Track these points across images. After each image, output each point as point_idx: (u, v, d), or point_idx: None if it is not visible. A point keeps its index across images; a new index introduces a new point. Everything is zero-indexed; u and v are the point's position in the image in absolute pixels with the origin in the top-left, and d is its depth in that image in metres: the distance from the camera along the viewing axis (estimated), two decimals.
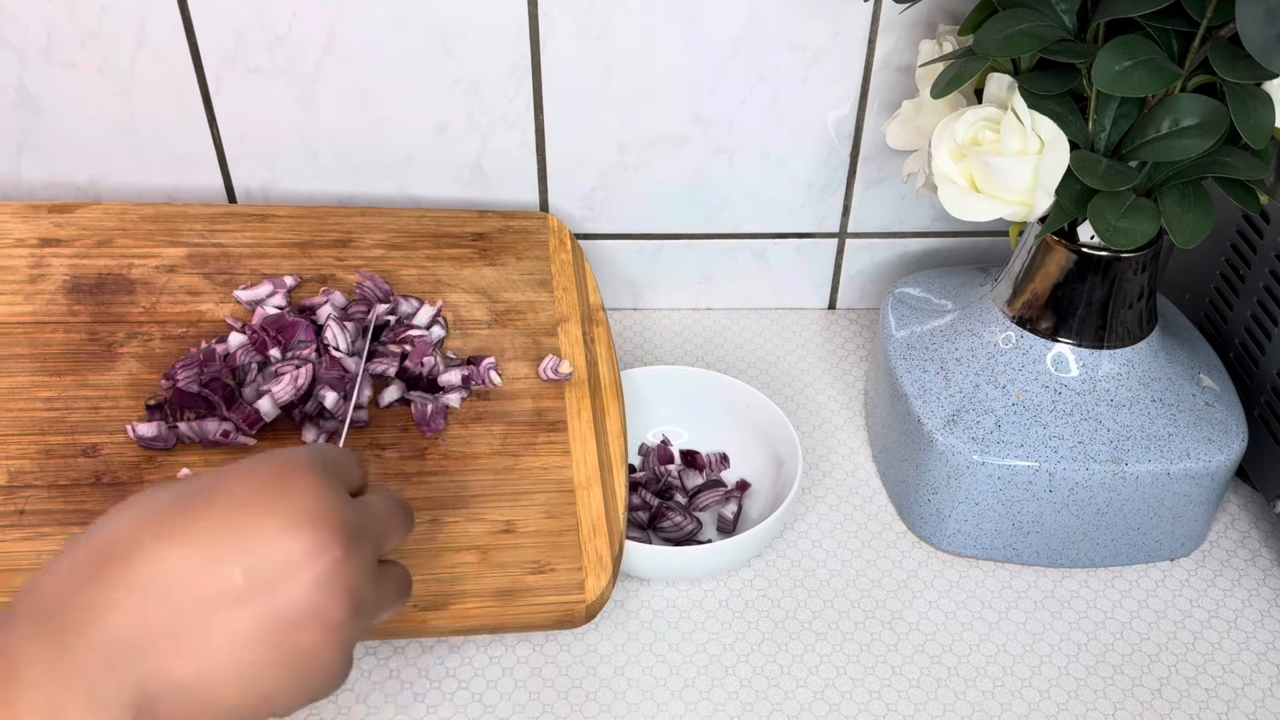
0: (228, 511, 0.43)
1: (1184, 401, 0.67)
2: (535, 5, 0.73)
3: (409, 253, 0.78)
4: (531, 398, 0.69)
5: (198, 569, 0.41)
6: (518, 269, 0.78)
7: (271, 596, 0.42)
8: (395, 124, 0.79)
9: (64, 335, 0.70)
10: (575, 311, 0.75)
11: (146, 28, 0.74)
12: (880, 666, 0.65)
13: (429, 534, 0.62)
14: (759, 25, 0.75)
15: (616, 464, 0.66)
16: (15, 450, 0.64)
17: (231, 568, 0.41)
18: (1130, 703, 0.64)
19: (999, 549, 0.69)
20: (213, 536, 0.42)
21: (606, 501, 0.64)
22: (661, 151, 0.80)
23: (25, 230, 0.76)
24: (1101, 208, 0.58)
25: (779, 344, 0.86)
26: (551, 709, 0.62)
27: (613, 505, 0.64)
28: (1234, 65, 0.54)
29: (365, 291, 0.73)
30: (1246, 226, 0.72)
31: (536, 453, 0.67)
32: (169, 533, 0.42)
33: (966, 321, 0.70)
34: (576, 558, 0.61)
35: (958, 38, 0.66)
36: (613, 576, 0.61)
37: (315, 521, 0.43)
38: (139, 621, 0.40)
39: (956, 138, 0.61)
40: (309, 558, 0.42)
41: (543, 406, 0.69)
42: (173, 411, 0.66)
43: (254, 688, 0.42)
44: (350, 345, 0.69)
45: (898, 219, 0.85)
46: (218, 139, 0.79)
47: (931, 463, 0.67)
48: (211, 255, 0.76)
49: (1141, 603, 0.69)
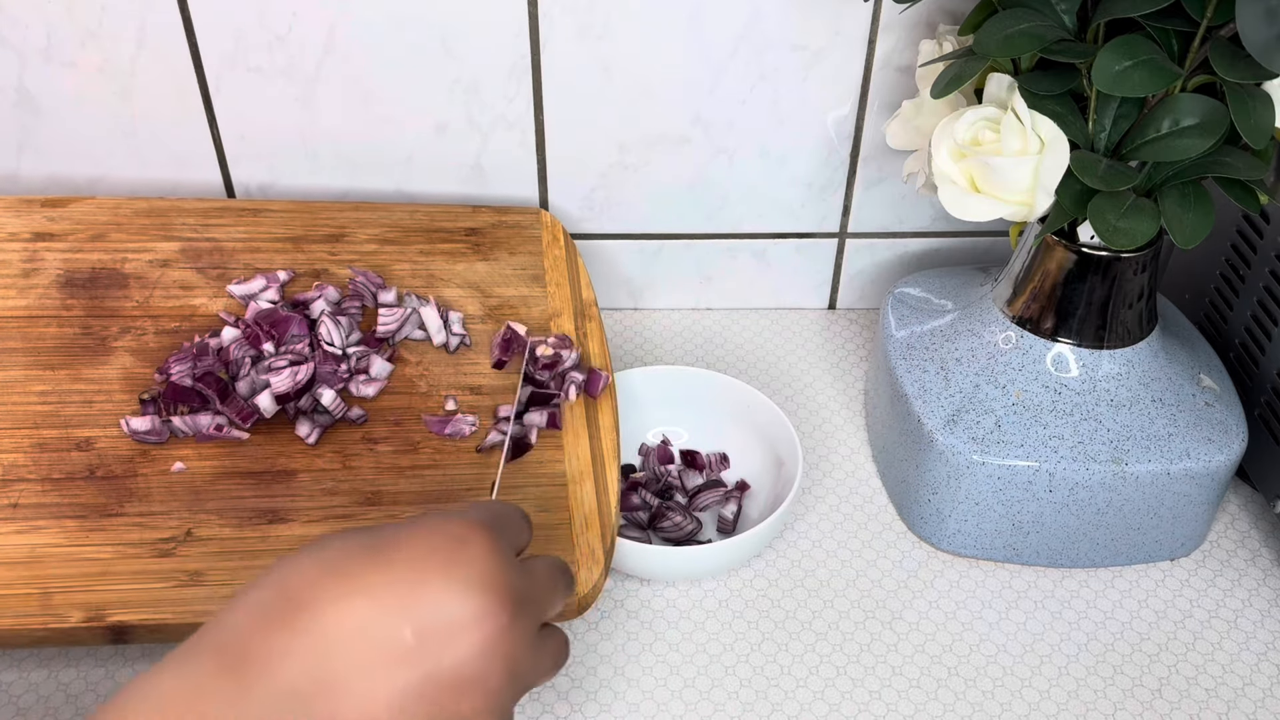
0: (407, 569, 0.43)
1: (1184, 401, 0.67)
2: (535, 5, 0.73)
3: (402, 247, 0.78)
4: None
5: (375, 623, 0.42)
6: (510, 264, 0.78)
7: (437, 658, 0.42)
8: (395, 124, 0.79)
9: (57, 329, 0.70)
10: (568, 306, 0.75)
11: (146, 28, 0.74)
12: (880, 666, 0.65)
13: None
14: (759, 25, 0.75)
15: (609, 458, 0.66)
16: (9, 444, 0.64)
17: (404, 625, 0.42)
18: (1130, 703, 0.64)
19: (999, 549, 0.69)
20: (391, 591, 0.42)
21: (599, 495, 0.64)
22: (661, 151, 0.80)
23: (18, 224, 0.76)
24: (1101, 208, 0.58)
25: (779, 344, 0.86)
26: (551, 709, 0.62)
27: (605, 499, 0.64)
28: (1234, 65, 0.54)
29: (358, 287, 0.73)
30: (1246, 226, 0.72)
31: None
32: (352, 584, 0.42)
33: (966, 321, 0.70)
34: (569, 551, 0.61)
35: (958, 38, 0.66)
36: (605, 570, 0.61)
37: (485, 588, 0.43)
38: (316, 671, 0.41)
39: (956, 138, 0.61)
40: (476, 623, 0.43)
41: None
42: (166, 405, 0.66)
43: None
44: (345, 340, 0.69)
45: (898, 219, 0.85)
46: (217, 139, 0.79)
47: (931, 463, 0.67)
48: (205, 250, 0.76)
49: (1141, 603, 0.69)
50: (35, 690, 0.61)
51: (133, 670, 0.62)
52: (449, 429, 0.67)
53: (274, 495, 0.63)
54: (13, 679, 0.62)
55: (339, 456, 0.65)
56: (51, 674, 0.62)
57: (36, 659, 0.63)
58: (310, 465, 0.65)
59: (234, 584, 0.58)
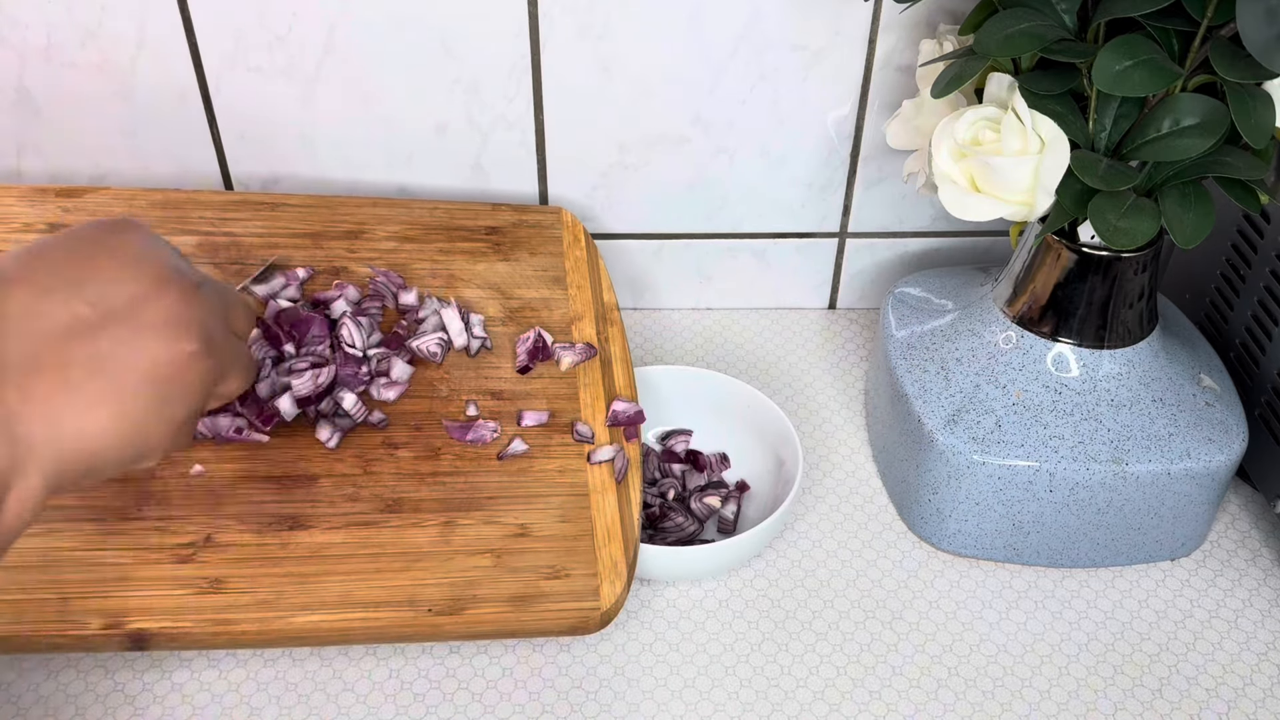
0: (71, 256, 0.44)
1: (1184, 401, 0.67)
2: (535, 5, 0.73)
3: (421, 245, 0.77)
4: (545, 399, 0.69)
5: (42, 304, 0.43)
6: (531, 264, 0.77)
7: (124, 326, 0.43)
8: (395, 124, 0.79)
9: None
10: (589, 310, 0.74)
11: (146, 28, 0.74)
12: (880, 667, 0.65)
13: (444, 536, 0.61)
14: (759, 25, 0.75)
15: (631, 468, 0.66)
16: None
17: (76, 301, 0.43)
18: (1131, 703, 0.64)
19: (999, 549, 0.69)
20: (53, 276, 0.43)
21: (621, 507, 0.63)
22: (662, 151, 0.80)
23: (33, 215, 0.75)
24: (1102, 207, 0.58)
25: (779, 344, 0.86)
26: (551, 709, 0.62)
27: (627, 510, 0.63)
28: (1234, 65, 0.54)
29: (378, 287, 0.73)
30: (1247, 226, 0.72)
31: (550, 455, 0.66)
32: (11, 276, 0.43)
33: (967, 321, 0.70)
34: (591, 563, 0.60)
35: (958, 37, 0.66)
36: (627, 583, 0.60)
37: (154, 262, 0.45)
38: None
39: (957, 137, 0.61)
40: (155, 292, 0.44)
41: (557, 408, 0.68)
42: None
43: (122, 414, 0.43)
44: (366, 341, 0.69)
45: (898, 219, 0.85)
46: (217, 139, 0.79)
47: (932, 463, 0.67)
48: (222, 244, 0.75)
49: (1142, 603, 0.69)
50: (35, 690, 0.61)
51: (131, 671, 0.62)
52: (470, 435, 0.66)
53: (295, 500, 0.62)
54: (12, 679, 0.62)
55: (359, 461, 0.65)
56: (51, 674, 0.62)
57: (36, 659, 0.63)
58: (331, 470, 0.64)
59: (255, 591, 0.58)
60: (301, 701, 0.62)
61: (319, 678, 0.63)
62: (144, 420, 0.44)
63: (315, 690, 0.62)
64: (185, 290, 0.45)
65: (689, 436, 0.76)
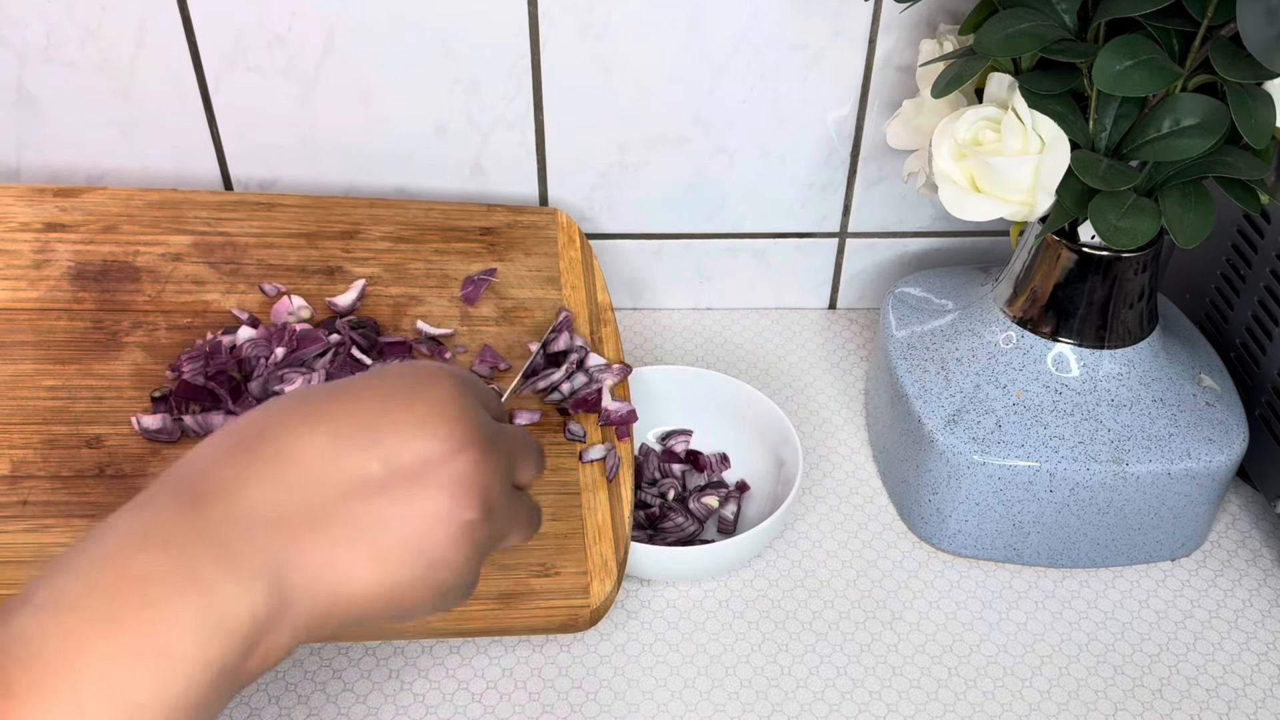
0: (371, 405, 0.43)
1: (1185, 401, 0.67)
2: (535, 5, 0.73)
3: (417, 246, 0.77)
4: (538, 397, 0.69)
5: (337, 453, 0.41)
6: (526, 265, 0.77)
7: (408, 488, 0.41)
8: (395, 124, 0.79)
9: (68, 323, 0.70)
10: (583, 310, 0.74)
11: (146, 27, 0.74)
12: (881, 667, 0.65)
13: None
14: (759, 25, 0.75)
15: (623, 467, 0.66)
16: (19, 439, 0.64)
17: (370, 456, 0.41)
18: (1131, 703, 0.64)
19: (999, 549, 0.69)
20: (354, 425, 0.42)
21: (612, 506, 0.63)
22: (661, 151, 0.80)
23: (30, 214, 0.75)
24: (1102, 207, 0.58)
25: (779, 344, 0.86)
26: (551, 709, 0.62)
27: (618, 510, 0.63)
28: (1234, 65, 0.54)
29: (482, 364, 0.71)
30: (1247, 226, 0.72)
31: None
32: (313, 419, 0.42)
33: (967, 321, 0.70)
34: (581, 562, 0.61)
35: (958, 37, 0.66)
36: (617, 582, 0.60)
37: (452, 421, 0.43)
38: (276, 496, 0.40)
39: (957, 137, 0.61)
40: (446, 455, 0.42)
41: (549, 407, 0.69)
42: (178, 404, 0.66)
43: (385, 578, 0.41)
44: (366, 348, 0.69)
45: (898, 219, 0.85)
46: (217, 139, 0.79)
47: (932, 463, 0.67)
48: (217, 244, 0.75)
49: (1142, 603, 0.69)
50: None
51: None
52: None
53: None
54: None
55: None
56: None
57: None
58: None
59: None
60: (301, 702, 0.62)
61: (319, 678, 0.63)
62: (407, 585, 0.42)
63: (315, 690, 0.62)
64: (478, 454, 0.43)
65: (689, 437, 0.76)
